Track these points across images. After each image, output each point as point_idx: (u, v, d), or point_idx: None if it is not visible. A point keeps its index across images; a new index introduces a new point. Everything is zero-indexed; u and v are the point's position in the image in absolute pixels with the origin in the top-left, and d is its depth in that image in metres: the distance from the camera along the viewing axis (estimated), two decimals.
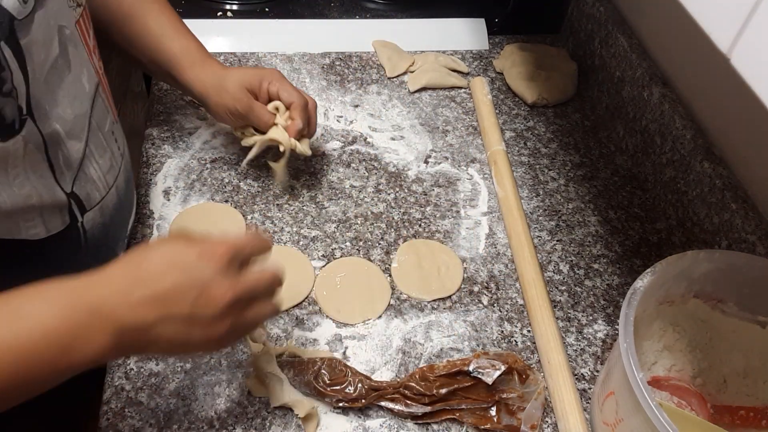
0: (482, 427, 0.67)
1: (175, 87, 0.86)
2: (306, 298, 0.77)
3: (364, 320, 0.76)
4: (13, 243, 0.58)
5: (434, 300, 0.78)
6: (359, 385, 0.67)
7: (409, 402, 0.66)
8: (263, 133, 0.81)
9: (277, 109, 0.81)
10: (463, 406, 0.67)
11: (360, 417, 0.68)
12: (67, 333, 0.47)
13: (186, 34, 0.82)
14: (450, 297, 0.79)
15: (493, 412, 0.67)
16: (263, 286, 0.56)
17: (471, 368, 0.67)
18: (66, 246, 0.64)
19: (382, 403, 0.67)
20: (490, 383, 0.66)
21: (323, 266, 0.80)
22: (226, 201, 0.86)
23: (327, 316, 0.76)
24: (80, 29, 0.62)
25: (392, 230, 0.86)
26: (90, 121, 0.63)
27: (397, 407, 0.66)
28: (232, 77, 0.79)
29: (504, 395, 0.67)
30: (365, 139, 0.97)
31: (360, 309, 0.76)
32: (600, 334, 0.77)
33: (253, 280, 0.54)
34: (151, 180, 0.88)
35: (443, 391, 0.66)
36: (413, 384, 0.67)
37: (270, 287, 0.57)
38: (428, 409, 0.66)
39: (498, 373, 0.66)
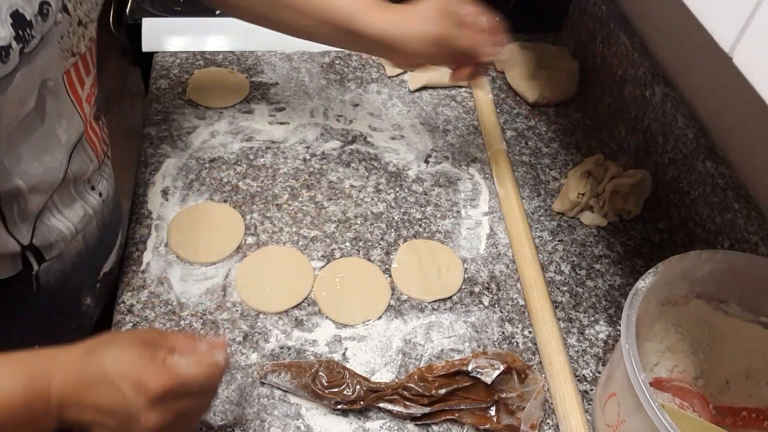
0: (482, 427, 0.66)
1: (349, 45, 0.81)
2: (305, 298, 0.77)
3: (364, 321, 0.75)
4: None
5: (434, 301, 0.78)
6: (357, 386, 0.66)
7: (408, 403, 0.66)
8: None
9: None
10: (463, 407, 0.67)
11: (360, 419, 0.67)
12: (24, 412, 0.50)
13: None
14: (450, 298, 0.79)
15: (492, 411, 0.67)
16: (192, 405, 0.55)
17: (470, 368, 0.66)
18: (14, 290, 0.62)
19: (381, 405, 0.66)
20: (489, 383, 0.66)
21: (323, 267, 0.80)
22: (225, 201, 0.86)
23: (326, 317, 0.75)
24: (68, 80, 0.58)
25: (392, 230, 0.85)
26: (66, 174, 0.60)
27: (396, 408, 0.66)
28: (424, 7, 0.73)
29: (503, 395, 0.67)
30: (365, 139, 0.97)
31: (360, 310, 0.76)
32: (602, 335, 0.77)
33: (180, 408, 0.54)
34: (149, 180, 0.87)
35: (442, 391, 0.66)
36: (412, 385, 0.66)
37: (203, 395, 0.56)
38: (427, 410, 0.66)
39: (497, 372, 0.66)
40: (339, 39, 0.78)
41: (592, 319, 0.79)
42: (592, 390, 0.72)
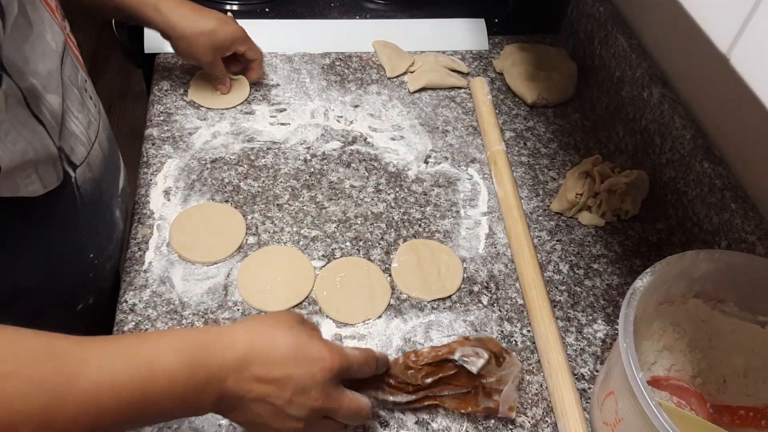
0: (463, 410, 0.67)
1: (138, 24, 0.95)
2: (306, 298, 0.77)
3: (365, 320, 0.76)
4: (14, 202, 0.59)
5: (434, 300, 0.78)
6: None
7: (393, 390, 0.66)
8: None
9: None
10: (446, 392, 0.67)
11: None
12: (187, 388, 0.51)
13: None
14: (450, 297, 0.79)
15: (472, 393, 0.67)
16: (346, 413, 0.59)
17: (456, 357, 0.66)
18: (63, 203, 0.65)
19: (366, 391, 0.65)
20: (475, 372, 0.66)
21: (323, 266, 0.80)
22: (227, 201, 0.86)
23: (327, 316, 0.76)
24: None
25: (392, 230, 0.86)
26: (62, 78, 0.64)
27: (381, 396, 0.66)
28: (204, 33, 0.91)
29: (484, 380, 0.67)
30: (365, 139, 0.97)
31: (360, 309, 0.76)
32: (600, 334, 0.78)
33: (343, 406, 0.58)
34: (151, 180, 0.88)
35: (428, 380, 0.66)
36: (398, 373, 0.66)
37: (351, 416, 0.60)
38: (412, 397, 0.66)
39: (482, 361, 0.66)
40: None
41: (590, 318, 0.79)
42: (590, 388, 0.72)
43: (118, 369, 0.48)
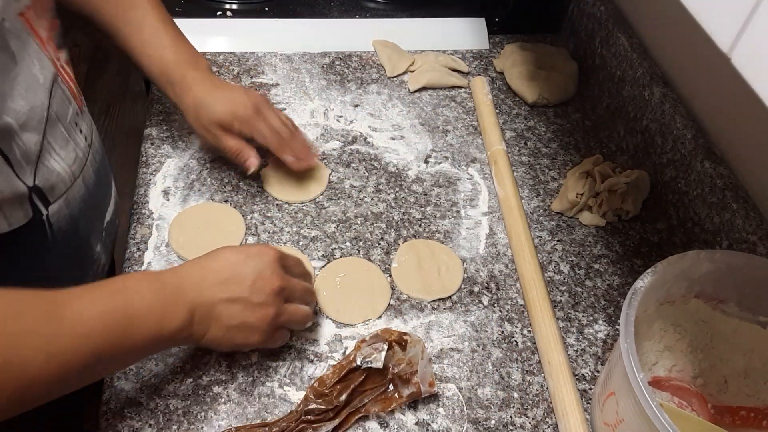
0: (390, 409, 0.66)
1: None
2: None
3: (365, 320, 0.75)
4: None
5: (434, 300, 0.78)
6: None
7: (316, 425, 0.64)
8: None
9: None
10: (366, 400, 0.66)
11: None
12: (161, 306, 0.58)
13: (166, 46, 0.80)
14: (450, 297, 0.79)
15: (390, 388, 0.67)
16: (300, 289, 0.68)
17: (358, 362, 0.66)
18: (31, 240, 0.64)
19: None
20: (382, 367, 0.66)
21: (323, 266, 0.80)
22: (226, 201, 0.86)
23: (327, 317, 0.76)
24: (26, 21, 0.60)
25: (392, 230, 0.86)
26: (48, 113, 0.62)
27: None
28: (208, 112, 0.80)
29: (395, 370, 0.67)
30: (365, 139, 0.97)
31: (360, 309, 0.76)
32: (600, 335, 0.77)
33: (293, 281, 0.67)
34: (150, 180, 0.88)
35: (343, 397, 0.65)
36: (313, 406, 0.65)
37: (305, 294, 0.69)
38: (336, 421, 0.65)
39: (383, 354, 0.65)
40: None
41: (591, 318, 0.79)
42: (591, 389, 0.72)
43: (99, 302, 0.56)
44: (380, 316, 0.76)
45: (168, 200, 0.86)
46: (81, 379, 0.55)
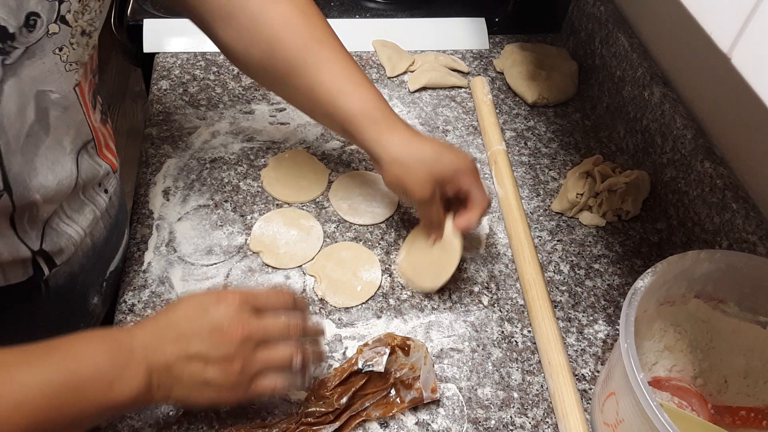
0: (391, 413, 0.66)
1: (348, 140, 0.81)
2: (307, 296, 0.77)
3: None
4: None
5: (437, 294, 0.78)
6: None
7: (316, 427, 0.64)
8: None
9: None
10: (367, 404, 0.66)
11: None
12: (112, 371, 0.53)
13: (364, 85, 0.73)
14: (450, 297, 0.79)
15: (392, 393, 0.67)
16: (278, 329, 0.60)
17: (360, 365, 0.66)
18: (22, 295, 0.63)
19: None
20: (383, 371, 0.65)
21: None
22: (226, 201, 0.86)
23: (327, 317, 0.76)
24: (80, 91, 0.58)
25: (392, 230, 0.86)
26: (77, 181, 0.61)
27: None
28: (422, 159, 0.70)
29: (397, 374, 0.67)
30: None
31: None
32: (600, 335, 0.77)
33: (265, 323, 0.59)
34: (150, 180, 0.88)
35: (344, 400, 0.65)
36: (313, 408, 0.65)
37: (283, 333, 0.60)
38: (337, 424, 0.64)
39: (385, 357, 0.65)
40: (342, 135, 0.77)
41: (591, 318, 0.79)
42: (591, 389, 0.72)
43: (42, 369, 0.51)
44: (380, 317, 0.76)
45: (168, 200, 0.86)
46: None
